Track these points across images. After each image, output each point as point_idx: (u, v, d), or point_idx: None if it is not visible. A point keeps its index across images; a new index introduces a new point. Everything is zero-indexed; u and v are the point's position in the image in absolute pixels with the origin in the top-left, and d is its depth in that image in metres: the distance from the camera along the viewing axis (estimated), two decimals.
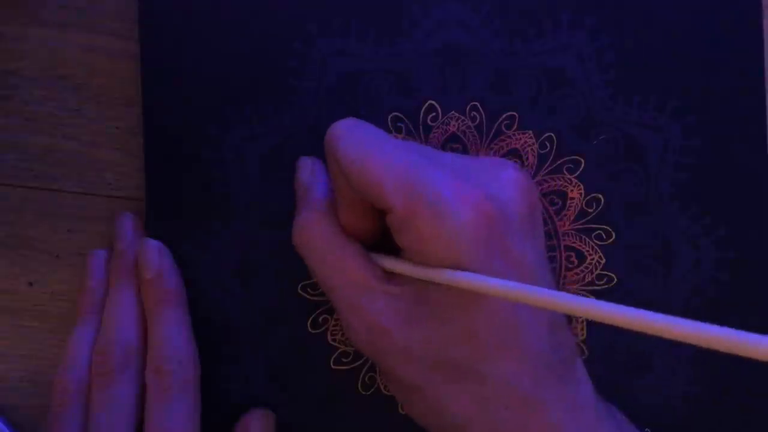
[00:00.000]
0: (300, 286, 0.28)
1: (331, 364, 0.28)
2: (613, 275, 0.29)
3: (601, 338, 0.28)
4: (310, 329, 0.28)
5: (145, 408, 0.26)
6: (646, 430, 0.27)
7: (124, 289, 0.27)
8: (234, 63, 0.28)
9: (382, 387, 0.28)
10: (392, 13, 0.28)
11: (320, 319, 0.28)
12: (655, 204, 0.29)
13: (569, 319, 0.24)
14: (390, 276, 0.23)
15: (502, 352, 0.22)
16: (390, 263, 0.23)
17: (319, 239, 0.24)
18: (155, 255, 0.27)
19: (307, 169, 0.26)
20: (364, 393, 0.28)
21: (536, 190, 0.24)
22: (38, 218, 0.29)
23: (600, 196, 0.29)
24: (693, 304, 0.29)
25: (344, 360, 0.28)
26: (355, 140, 0.23)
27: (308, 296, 0.28)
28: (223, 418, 0.28)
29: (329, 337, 0.28)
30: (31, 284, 0.29)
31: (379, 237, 0.25)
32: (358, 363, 0.28)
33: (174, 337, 0.26)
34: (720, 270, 0.29)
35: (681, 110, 0.29)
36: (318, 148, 0.28)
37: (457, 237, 0.21)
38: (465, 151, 0.28)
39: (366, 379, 0.28)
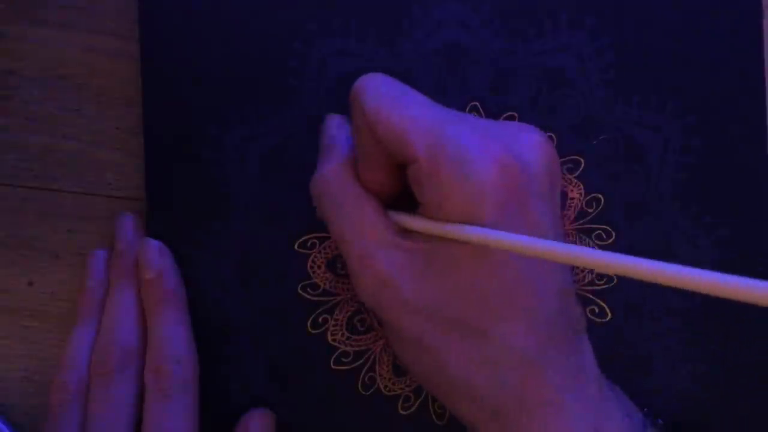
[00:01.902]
0: (300, 286, 0.28)
1: (331, 364, 0.28)
2: (613, 275, 0.29)
3: (601, 339, 0.28)
4: (310, 329, 0.28)
5: (144, 408, 0.26)
6: (644, 410, 0.27)
7: (124, 290, 0.27)
8: (234, 63, 0.28)
9: (382, 387, 0.28)
10: (392, 13, 0.28)
11: (320, 319, 0.28)
12: (655, 204, 0.29)
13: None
14: (404, 233, 0.23)
15: (509, 313, 0.22)
16: (405, 219, 0.23)
17: (338, 189, 0.24)
18: (155, 255, 0.27)
19: (334, 124, 0.26)
20: (364, 393, 0.28)
21: (557, 157, 0.24)
22: (38, 218, 0.29)
23: (600, 196, 0.29)
24: (693, 304, 0.29)
25: (344, 360, 0.28)
26: (383, 91, 0.23)
27: (308, 296, 0.28)
28: (223, 418, 0.28)
29: (329, 337, 0.28)
30: (31, 284, 0.29)
31: (397, 195, 0.24)
32: (358, 363, 0.28)
33: (173, 338, 0.26)
34: (720, 270, 0.29)
35: (681, 110, 0.29)
36: (318, 148, 0.28)
37: (480, 191, 0.21)
38: None
39: (366, 379, 0.28)
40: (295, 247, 0.28)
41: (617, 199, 0.29)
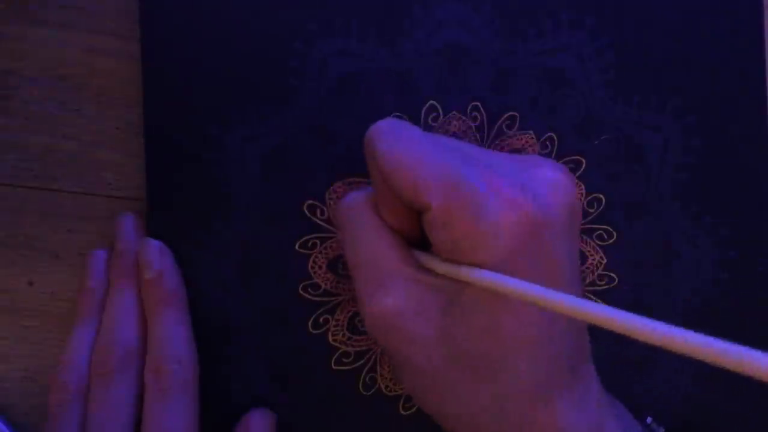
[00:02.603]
0: (301, 286, 0.28)
1: (332, 364, 0.28)
2: (614, 275, 0.29)
3: (602, 340, 0.28)
4: (311, 329, 0.28)
5: (144, 408, 0.26)
6: (648, 418, 0.27)
7: (124, 290, 0.27)
8: (235, 63, 0.28)
9: (383, 387, 0.28)
10: (393, 12, 0.28)
11: (321, 320, 0.28)
12: (655, 204, 0.29)
13: None
14: (424, 269, 0.23)
15: (521, 350, 0.22)
16: (422, 257, 0.23)
17: (360, 218, 0.24)
18: (156, 255, 0.27)
19: None
20: (364, 393, 0.28)
21: (576, 190, 0.23)
22: (38, 218, 0.29)
23: (600, 196, 0.29)
24: (693, 304, 0.29)
25: (345, 360, 0.28)
26: (393, 139, 0.22)
27: (309, 297, 0.28)
28: (224, 418, 0.28)
29: (330, 338, 0.28)
30: (31, 284, 0.29)
31: (418, 237, 0.24)
32: (359, 363, 0.28)
33: (174, 338, 0.26)
34: (720, 270, 0.29)
35: (681, 110, 0.29)
36: (318, 148, 0.28)
37: (494, 236, 0.21)
38: None
39: (367, 379, 0.28)
40: (296, 247, 0.28)
41: (618, 199, 0.29)
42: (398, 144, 0.22)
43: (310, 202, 0.28)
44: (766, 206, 0.29)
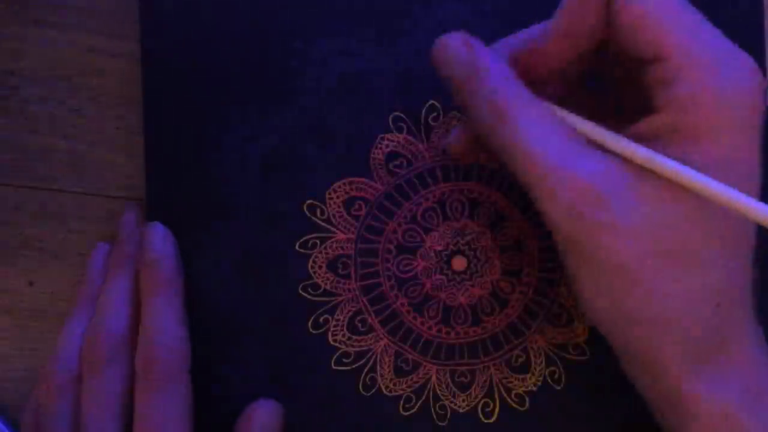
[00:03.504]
0: (301, 286, 0.28)
1: (332, 364, 0.28)
2: None
3: (603, 339, 0.28)
4: (311, 330, 0.28)
5: (135, 396, 0.25)
6: None
7: (119, 278, 0.27)
8: (234, 63, 0.28)
9: (383, 388, 0.28)
10: (393, 12, 0.28)
11: (321, 320, 0.28)
12: None
13: None
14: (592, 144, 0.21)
15: (725, 242, 0.20)
16: (608, 137, 0.21)
17: (503, 87, 0.21)
18: (159, 239, 0.27)
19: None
20: (364, 394, 0.28)
21: None
22: (38, 218, 0.29)
23: None
24: None
25: (345, 361, 0.28)
26: None
27: (309, 296, 0.28)
28: (223, 418, 0.27)
29: (330, 338, 0.28)
30: (31, 284, 0.29)
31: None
32: (359, 364, 0.28)
33: (165, 325, 0.26)
34: None
35: None
36: (319, 149, 0.28)
37: (734, 102, 0.19)
38: None
39: (367, 380, 0.28)
40: (296, 247, 0.28)
41: None
42: None
43: (310, 202, 0.28)
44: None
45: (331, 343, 0.28)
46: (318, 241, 0.28)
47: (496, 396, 0.28)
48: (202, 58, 0.28)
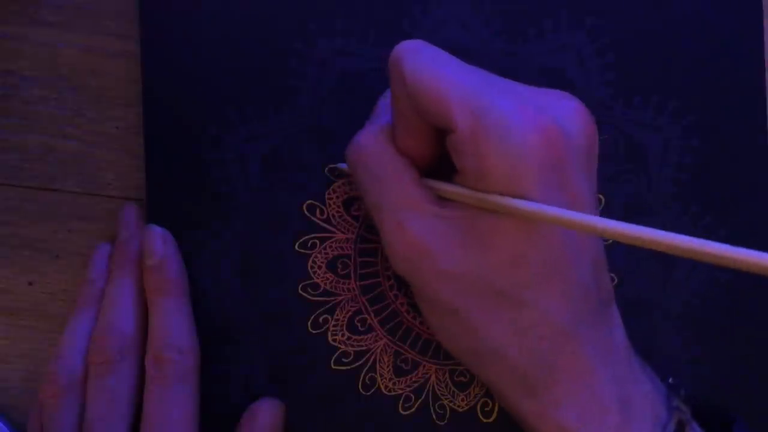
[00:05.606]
0: (300, 286, 0.28)
1: (332, 364, 0.28)
2: (614, 276, 0.29)
3: None
4: (310, 329, 0.28)
5: (144, 397, 0.25)
6: (669, 378, 0.27)
7: (124, 278, 0.27)
8: (234, 63, 0.28)
9: (382, 387, 0.28)
10: (393, 12, 0.28)
11: (321, 320, 0.28)
12: (655, 204, 0.29)
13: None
14: (441, 201, 0.23)
15: (546, 283, 0.22)
16: (443, 187, 0.23)
17: (373, 156, 0.24)
18: (159, 241, 0.27)
19: (389, 97, 0.25)
20: (364, 393, 0.28)
21: (595, 124, 0.23)
22: (38, 218, 0.29)
23: (600, 196, 0.29)
24: (693, 304, 0.29)
25: (344, 360, 0.28)
26: (422, 58, 0.22)
27: (309, 296, 0.28)
28: (224, 418, 0.28)
29: (330, 338, 0.28)
30: (31, 284, 0.29)
31: (434, 165, 0.24)
32: (359, 363, 0.28)
33: (174, 326, 0.26)
34: (720, 270, 0.29)
35: (681, 110, 0.29)
36: (318, 149, 0.28)
37: (522, 161, 0.21)
38: None
39: (366, 379, 0.28)
40: (296, 247, 0.28)
41: (617, 199, 0.29)
42: (425, 62, 0.22)
43: (310, 202, 0.28)
44: (766, 206, 0.29)
45: (331, 342, 0.28)
46: (317, 241, 0.28)
47: None
48: (202, 58, 0.28)
